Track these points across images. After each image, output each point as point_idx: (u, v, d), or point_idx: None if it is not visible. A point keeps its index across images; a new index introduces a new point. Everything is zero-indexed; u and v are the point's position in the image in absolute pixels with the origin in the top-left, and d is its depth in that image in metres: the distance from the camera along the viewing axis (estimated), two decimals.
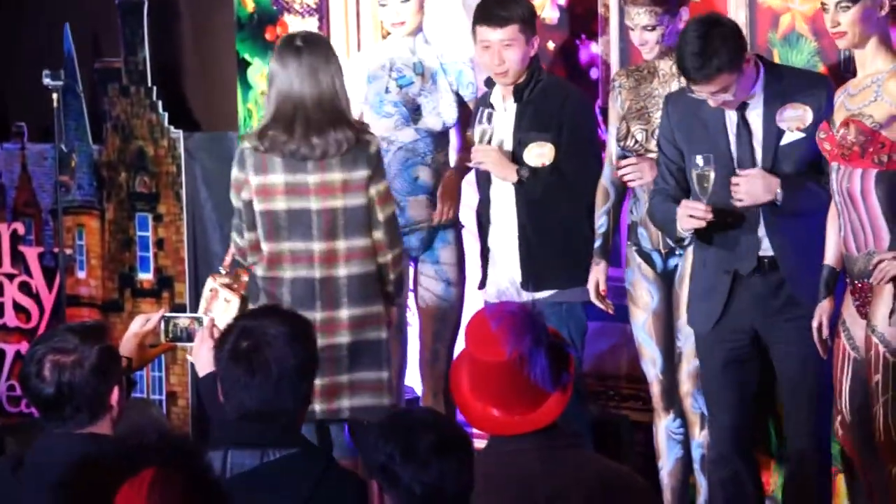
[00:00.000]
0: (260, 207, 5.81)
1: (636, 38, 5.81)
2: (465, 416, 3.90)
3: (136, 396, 6.59)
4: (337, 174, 5.75)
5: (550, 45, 6.64)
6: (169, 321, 5.00)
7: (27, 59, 7.78)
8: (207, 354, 4.60)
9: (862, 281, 5.28)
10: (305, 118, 5.70)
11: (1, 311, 8.21)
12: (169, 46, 7.59)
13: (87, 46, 7.70)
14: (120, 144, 7.66)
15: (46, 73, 7.26)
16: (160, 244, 7.61)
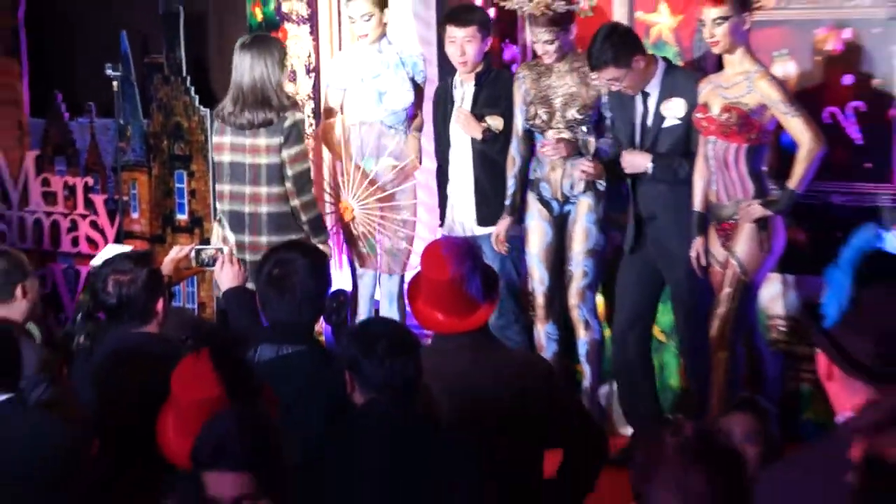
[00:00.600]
0: (216, 159, 6.87)
1: (539, 48, 6.61)
2: (417, 319, 4.41)
3: (175, 305, 7.62)
4: (262, 139, 6.68)
5: None
6: (199, 252, 5.34)
7: (93, 56, 8.35)
8: (228, 274, 5.11)
9: (730, 222, 6.25)
10: (243, 99, 6.65)
11: (77, 242, 8.92)
12: (199, 46, 8.16)
13: (138, 46, 8.31)
14: (162, 119, 8.29)
15: (108, 66, 7.93)
16: (192, 193, 8.24)
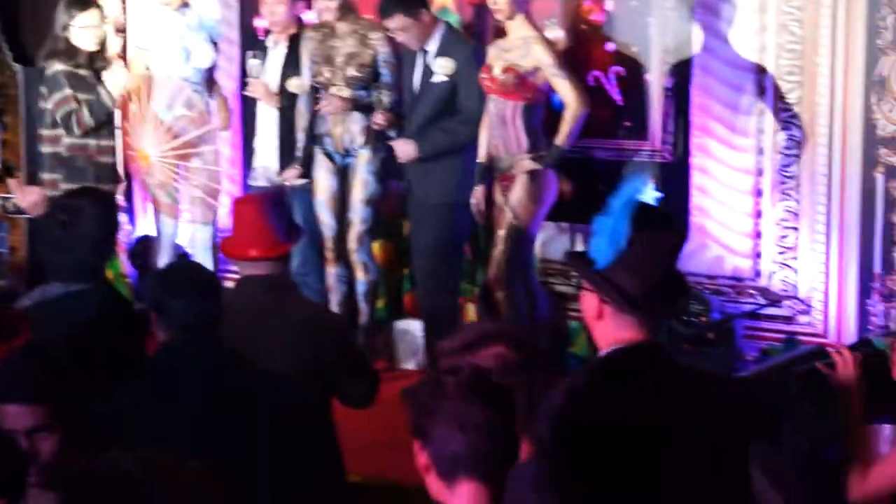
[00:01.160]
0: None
1: (321, 4, 7.09)
2: (231, 254, 4.81)
3: None
4: (43, 87, 7.64)
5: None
6: (5, 200, 5.62)
7: None
8: (28, 200, 5.43)
9: (508, 173, 6.71)
10: None
11: None
12: (13, 4, 8.46)
13: None
14: None
15: None
16: (4, 144, 8.39)
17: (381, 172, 7.26)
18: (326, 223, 7.31)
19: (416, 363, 7.38)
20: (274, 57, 7.36)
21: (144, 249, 7.93)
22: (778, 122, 6.96)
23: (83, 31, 7.53)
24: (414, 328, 7.41)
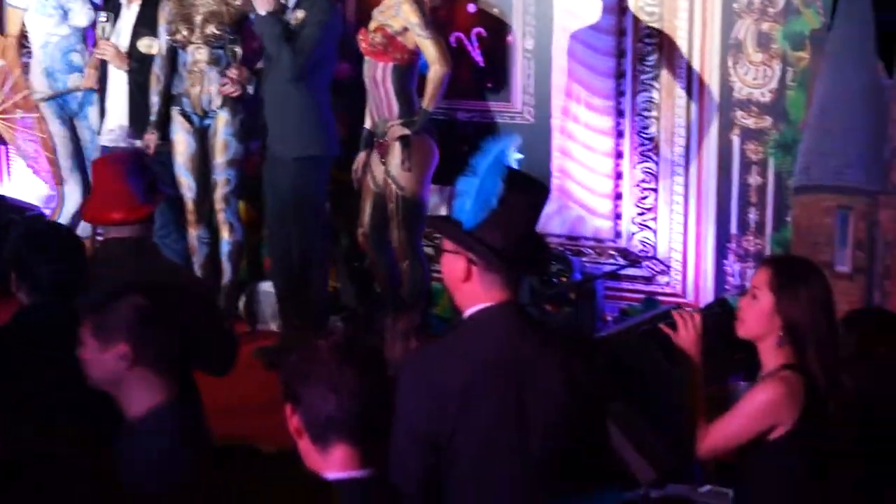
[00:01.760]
0: None
1: None
2: (92, 217, 4.86)
3: None
4: None
5: None
6: None
7: None
8: None
9: (383, 140, 6.73)
10: None
11: None
12: None
13: None
14: None
15: None
16: None
17: (241, 133, 7.17)
18: (186, 185, 7.26)
19: (277, 325, 7.33)
20: (127, 17, 7.30)
21: None
22: (637, 84, 7.04)
23: None
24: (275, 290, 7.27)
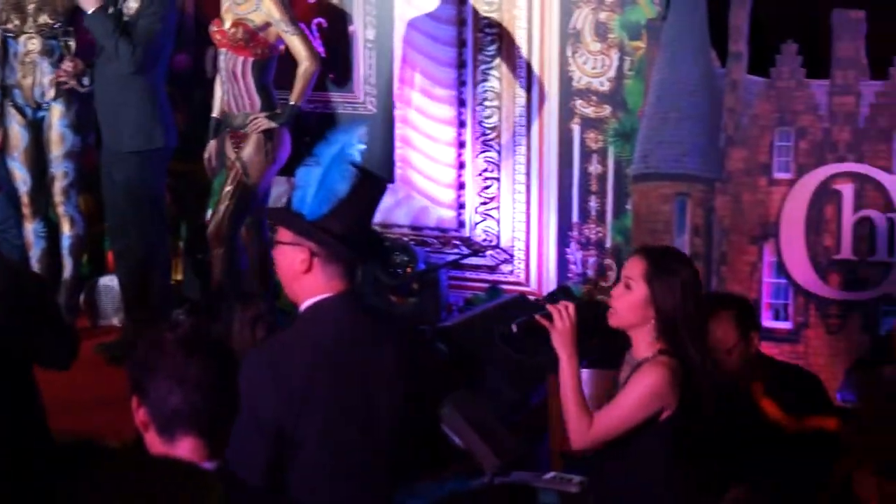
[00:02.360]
0: None
1: None
2: None
3: None
4: None
5: None
6: None
7: None
8: None
9: (240, 132, 6.65)
10: None
11: None
12: None
13: None
14: None
15: None
16: None
17: (77, 125, 7.03)
18: (21, 178, 7.16)
19: (119, 320, 7.27)
20: None
21: None
22: (478, 73, 7.08)
23: None
24: (117, 284, 7.17)
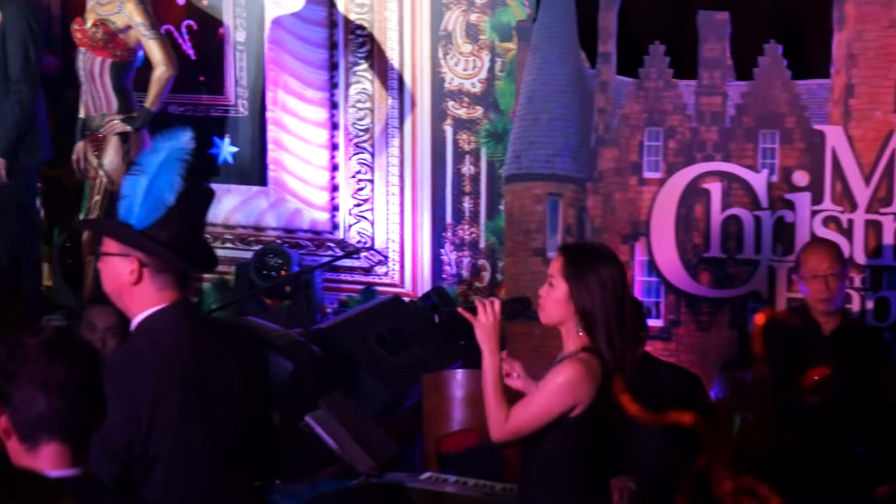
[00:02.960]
0: None
1: None
2: None
3: None
4: None
5: None
6: None
7: None
8: None
9: (97, 135, 6.66)
10: None
11: None
12: None
13: None
14: None
15: None
16: None
17: None
18: None
19: None
20: None
21: None
22: (350, 75, 7.07)
23: None
24: None
